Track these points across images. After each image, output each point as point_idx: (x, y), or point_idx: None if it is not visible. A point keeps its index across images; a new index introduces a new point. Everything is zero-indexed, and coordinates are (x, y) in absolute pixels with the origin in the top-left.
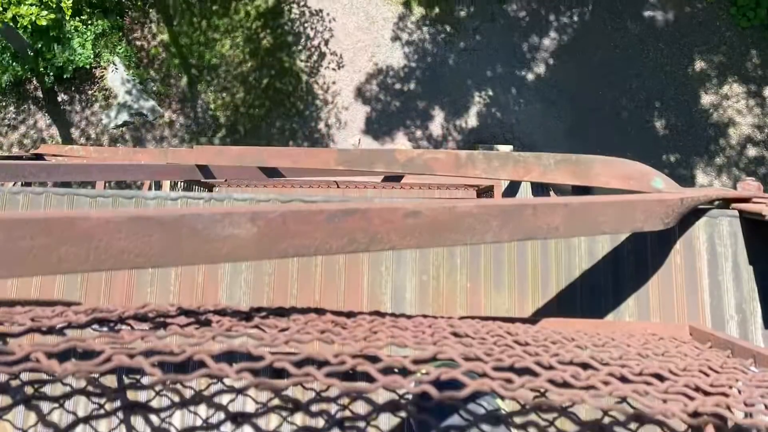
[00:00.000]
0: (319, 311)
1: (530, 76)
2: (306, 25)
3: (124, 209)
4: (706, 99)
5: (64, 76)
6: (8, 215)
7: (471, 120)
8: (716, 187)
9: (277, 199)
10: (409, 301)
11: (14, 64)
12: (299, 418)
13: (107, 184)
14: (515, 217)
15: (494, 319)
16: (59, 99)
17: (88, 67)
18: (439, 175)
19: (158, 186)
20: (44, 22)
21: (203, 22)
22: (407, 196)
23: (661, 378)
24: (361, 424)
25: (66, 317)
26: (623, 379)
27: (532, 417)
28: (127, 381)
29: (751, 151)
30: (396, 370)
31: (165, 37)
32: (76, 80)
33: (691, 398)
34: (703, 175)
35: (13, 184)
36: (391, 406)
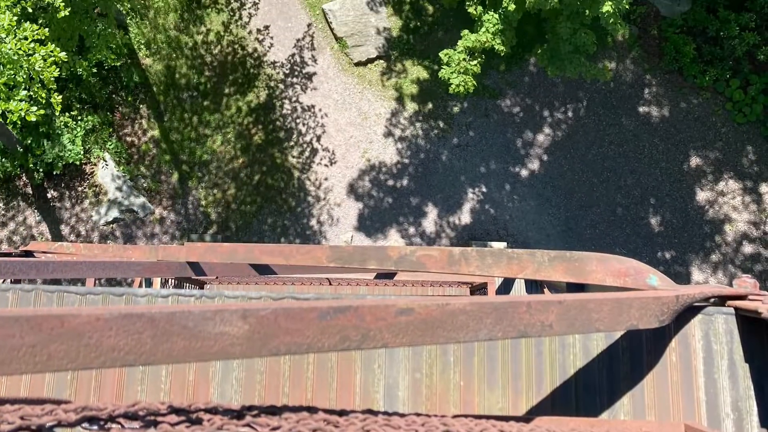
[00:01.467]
0: (311, 409)
1: (524, 173)
2: (298, 120)
3: (114, 306)
4: (702, 195)
5: (54, 173)
6: None
7: (464, 217)
8: (712, 285)
9: (268, 296)
10: (402, 399)
11: (3, 160)
12: None
13: (97, 282)
14: (509, 314)
15: (488, 417)
16: (49, 195)
17: (78, 163)
18: (432, 273)
19: (149, 283)
20: (34, 118)
21: (194, 117)
22: (400, 294)
23: None
24: None
25: (56, 415)
26: None
27: None
28: None
29: (747, 248)
30: None
31: (156, 132)
32: (66, 176)
33: None
34: (699, 272)
35: (3, 281)
36: None
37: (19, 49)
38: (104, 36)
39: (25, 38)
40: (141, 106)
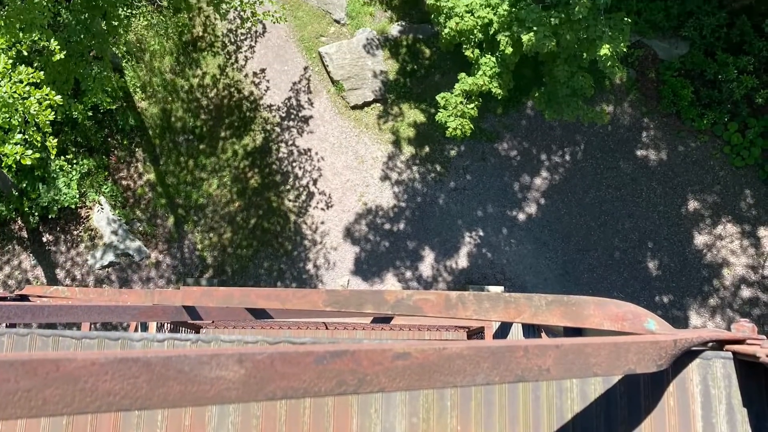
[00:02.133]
0: None
1: (521, 216)
2: (294, 164)
3: (110, 351)
4: (700, 239)
5: (50, 216)
6: None
7: (461, 260)
8: (710, 329)
9: (265, 340)
10: None
11: None
12: None
13: (93, 326)
14: (506, 358)
15: None
16: (44, 239)
17: (73, 207)
18: (430, 317)
19: (145, 327)
20: (29, 162)
21: (190, 161)
22: (397, 338)
23: None
24: None
25: None
26: None
27: None
28: None
29: (746, 292)
30: None
31: (151, 176)
32: (62, 220)
33: None
34: (697, 316)
35: None
36: None
37: (15, 92)
38: (100, 79)
39: (21, 81)
40: (137, 149)
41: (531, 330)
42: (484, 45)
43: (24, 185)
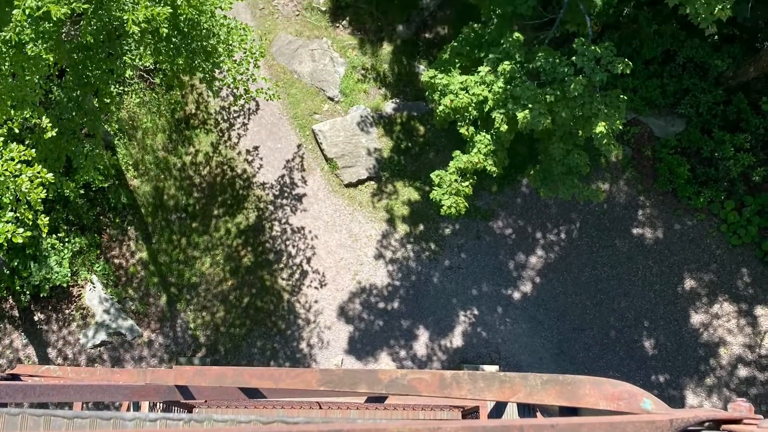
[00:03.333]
0: None
1: (516, 295)
2: (288, 242)
3: (102, 430)
4: (696, 318)
5: (41, 295)
6: None
7: (456, 339)
8: (706, 408)
9: (258, 420)
10: None
11: None
12: None
13: (85, 405)
14: None
15: None
16: (36, 318)
17: (65, 285)
18: (424, 396)
19: (137, 407)
20: (20, 240)
21: (183, 239)
22: (391, 418)
23: None
24: None
25: None
26: None
27: None
28: None
29: (742, 372)
30: None
31: (144, 254)
32: (53, 299)
33: None
34: (693, 396)
35: None
36: None
37: (6, 170)
38: (91, 157)
39: (12, 159)
40: (129, 227)
41: (526, 410)
42: (479, 122)
43: (15, 264)
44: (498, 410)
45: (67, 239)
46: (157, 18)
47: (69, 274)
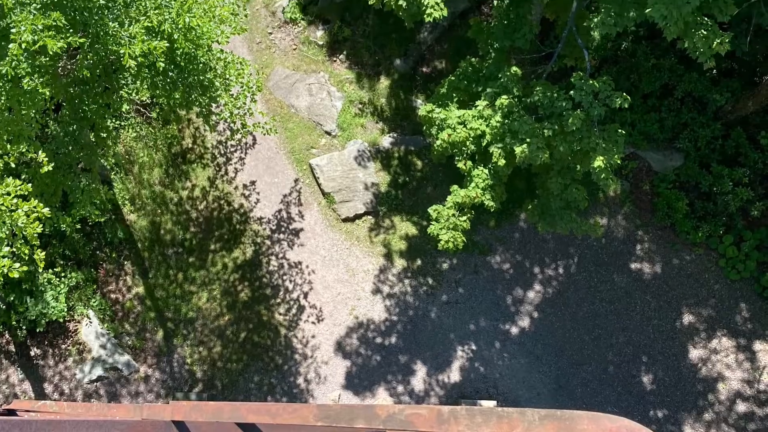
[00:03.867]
0: None
1: (514, 330)
2: (285, 277)
3: None
4: (695, 353)
5: (37, 330)
6: None
7: (453, 375)
8: None
9: None
10: None
11: None
12: None
13: None
14: None
15: None
16: (32, 353)
17: (61, 320)
18: None
19: None
20: (17, 275)
21: (179, 274)
22: None
23: None
24: None
25: None
26: None
27: None
28: None
29: (741, 407)
30: None
31: (140, 289)
32: (50, 334)
33: None
34: (692, 431)
35: None
36: None
37: (2, 204)
38: (88, 191)
39: (8, 194)
40: (125, 262)
41: None
42: (477, 157)
43: (11, 298)
44: None
45: (63, 274)
46: (154, 52)
47: (65, 309)
